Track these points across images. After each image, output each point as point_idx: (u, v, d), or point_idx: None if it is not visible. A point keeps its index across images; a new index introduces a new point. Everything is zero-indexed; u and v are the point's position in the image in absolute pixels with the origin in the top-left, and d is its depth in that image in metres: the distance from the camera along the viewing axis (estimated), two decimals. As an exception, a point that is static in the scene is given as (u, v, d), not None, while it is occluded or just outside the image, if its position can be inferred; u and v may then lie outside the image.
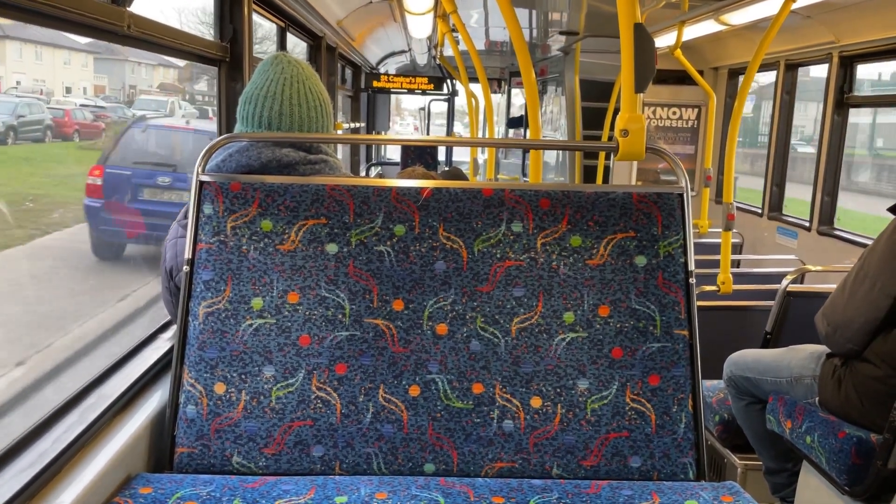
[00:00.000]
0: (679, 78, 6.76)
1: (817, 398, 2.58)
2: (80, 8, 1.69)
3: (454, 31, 4.90)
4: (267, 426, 1.70)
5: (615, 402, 1.72)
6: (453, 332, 1.74)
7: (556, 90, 8.72)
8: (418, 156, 9.09)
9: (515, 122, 11.40)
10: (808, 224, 5.50)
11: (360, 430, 1.70)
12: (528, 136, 3.14)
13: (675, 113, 7.56)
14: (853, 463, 2.31)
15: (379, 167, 10.96)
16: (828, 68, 5.28)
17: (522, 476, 1.70)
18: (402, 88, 10.12)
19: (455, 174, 3.97)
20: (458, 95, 10.65)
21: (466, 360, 1.73)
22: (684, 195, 1.80)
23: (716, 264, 4.10)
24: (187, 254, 1.76)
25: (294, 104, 1.96)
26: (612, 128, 5.88)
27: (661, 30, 5.36)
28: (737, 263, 5.22)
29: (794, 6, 3.76)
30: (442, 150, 10.65)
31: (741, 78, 6.72)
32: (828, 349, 2.57)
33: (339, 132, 6.54)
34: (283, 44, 4.62)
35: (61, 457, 1.49)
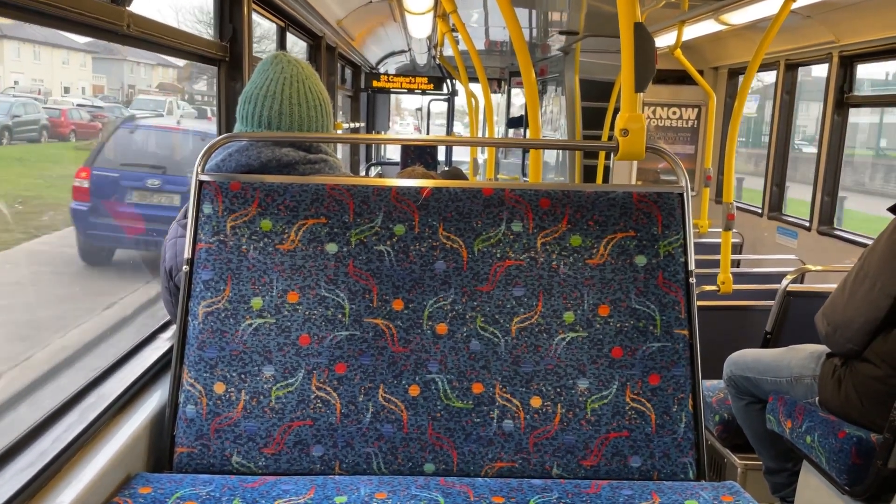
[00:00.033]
0: (679, 78, 6.76)
1: (817, 398, 2.58)
2: (80, 7, 1.69)
3: (454, 30, 4.90)
4: (267, 426, 1.69)
5: (615, 402, 1.72)
6: (453, 332, 1.73)
7: (555, 90, 8.71)
8: (418, 155, 9.10)
9: (515, 122, 11.40)
10: (808, 224, 5.50)
11: (360, 429, 1.70)
12: (528, 136, 3.13)
13: (675, 113, 7.56)
14: (853, 463, 2.31)
15: (379, 167, 10.97)
16: (828, 68, 5.28)
17: (522, 476, 1.69)
18: (402, 88, 10.13)
19: (455, 174, 3.96)
20: (457, 95, 10.65)
21: (466, 360, 1.73)
22: (684, 195, 1.80)
23: (716, 264, 4.10)
24: (187, 253, 1.76)
25: (294, 104, 1.96)
26: (612, 127, 5.87)
27: (661, 29, 5.36)
28: (737, 263, 5.22)
29: (794, 6, 3.76)
30: (442, 150, 10.65)
31: (741, 78, 6.72)
32: (828, 349, 2.57)
33: (338, 132, 6.54)
34: (282, 43, 4.62)
35: (61, 456, 1.49)
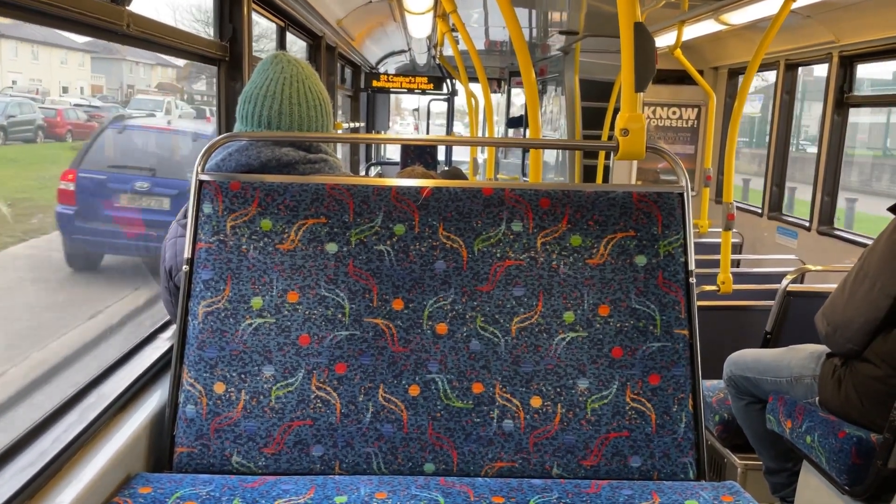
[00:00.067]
0: (679, 78, 6.76)
1: (817, 398, 2.58)
2: (80, 7, 1.69)
3: (454, 30, 4.90)
4: (266, 426, 1.69)
5: (615, 402, 1.72)
6: (453, 332, 1.73)
7: (555, 90, 8.71)
8: (418, 155, 9.10)
9: (515, 122, 11.40)
10: (807, 224, 5.50)
11: (360, 429, 1.70)
12: (528, 136, 3.13)
13: (675, 113, 7.56)
14: (853, 463, 2.31)
15: (378, 167, 10.97)
16: (828, 68, 5.28)
17: (522, 476, 1.69)
18: (402, 88, 10.14)
19: (455, 174, 3.95)
20: (457, 95, 10.65)
21: (466, 360, 1.73)
22: (684, 195, 1.80)
23: (716, 264, 4.10)
24: (187, 253, 1.76)
25: (294, 103, 1.96)
26: (612, 127, 5.87)
27: (661, 29, 5.36)
28: (737, 263, 5.22)
29: (794, 6, 3.76)
30: (442, 150, 10.65)
31: (741, 78, 6.71)
32: (828, 349, 2.57)
33: (338, 132, 6.54)
34: (282, 43, 4.62)
35: (61, 456, 1.49)
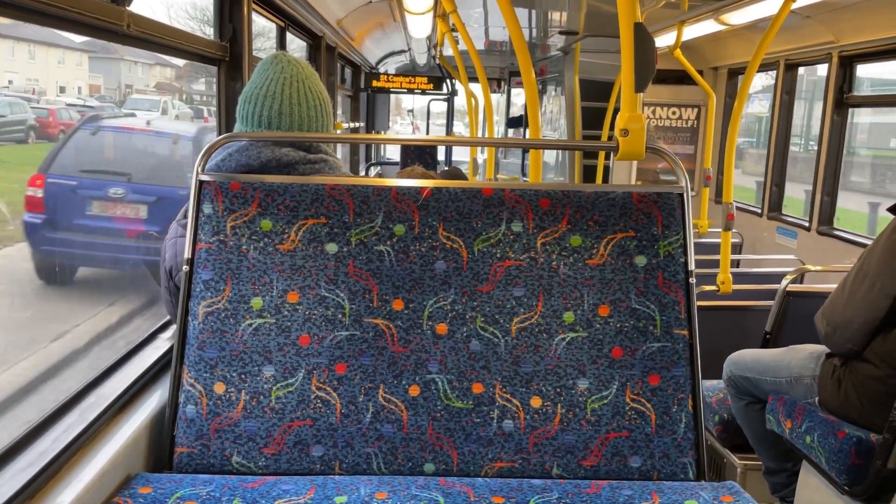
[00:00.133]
0: (679, 78, 6.76)
1: (817, 398, 2.58)
2: (80, 7, 1.69)
3: (454, 30, 4.90)
4: (267, 426, 1.69)
5: (615, 402, 1.72)
6: (453, 332, 1.73)
7: (555, 90, 8.71)
8: (418, 155, 9.10)
9: (515, 122, 11.40)
10: (807, 224, 5.51)
11: (360, 429, 1.70)
12: (528, 136, 3.13)
13: (674, 113, 7.56)
14: (853, 463, 2.31)
15: (378, 167, 10.97)
16: (827, 68, 5.28)
17: (522, 476, 1.69)
18: (402, 88, 10.13)
19: (454, 174, 3.95)
20: (457, 95, 10.65)
21: (466, 360, 1.73)
22: (684, 195, 1.80)
23: (715, 264, 4.10)
24: (187, 253, 1.76)
25: (294, 104, 1.96)
26: (611, 127, 5.87)
27: (661, 29, 5.36)
28: (736, 263, 5.22)
29: (794, 6, 3.76)
30: (441, 150, 10.65)
31: (741, 78, 6.72)
32: (827, 349, 2.57)
33: (338, 132, 6.54)
34: (282, 43, 4.62)
35: (61, 456, 1.49)
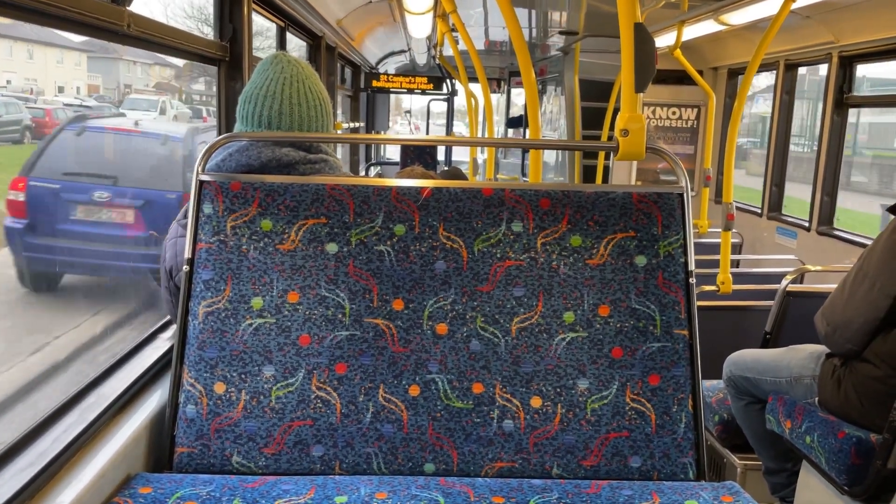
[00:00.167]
0: (679, 78, 6.76)
1: (817, 398, 2.58)
2: (80, 7, 1.69)
3: (454, 30, 4.90)
4: (267, 426, 1.69)
5: (615, 402, 1.72)
6: (453, 332, 1.74)
7: (555, 90, 8.71)
8: (417, 155, 9.10)
9: (515, 122, 11.40)
10: (807, 224, 5.51)
11: (360, 429, 1.70)
12: (528, 136, 3.14)
13: (674, 113, 7.56)
14: (853, 463, 2.31)
15: (378, 167, 10.97)
16: (827, 68, 5.28)
17: (522, 476, 1.69)
18: (402, 88, 10.13)
19: (454, 174, 3.96)
20: (457, 95, 10.65)
21: (466, 360, 1.73)
22: (684, 195, 1.80)
23: (715, 264, 4.10)
24: (187, 253, 1.76)
25: (294, 103, 1.96)
26: (611, 127, 5.87)
27: (661, 29, 5.36)
28: (736, 263, 5.22)
29: (794, 6, 3.77)
30: (441, 150, 10.65)
31: (741, 78, 6.72)
32: (827, 349, 2.58)
33: (338, 132, 6.54)
34: (282, 43, 4.62)
35: (61, 456, 1.49)
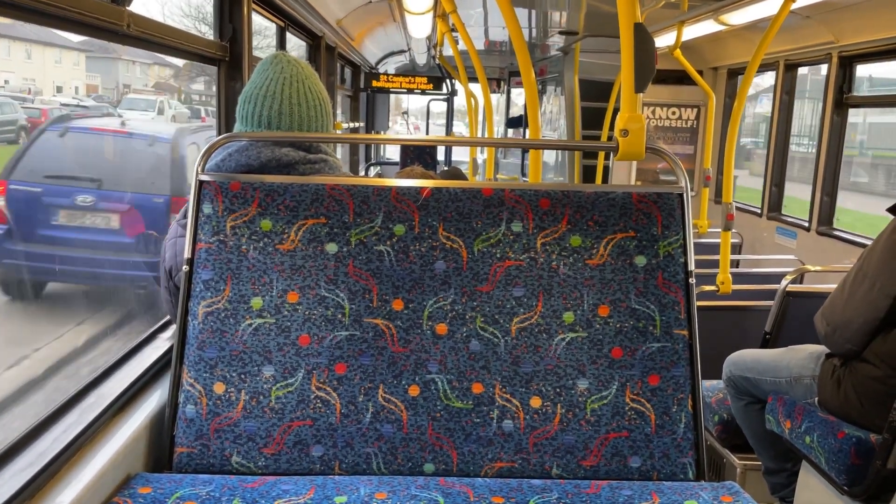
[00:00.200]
0: (678, 78, 6.77)
1: (816, 398, 2.58)
2: (80, 7, 1.69)
3: (454, 30, 4.90)
4: (266, 426, 1.69)
5: (615, 402, 1.72)
6: (453, 332, 1.73)
7: (555, 90, 8.71)
8: (417, 155, 9.10)
9: (515, 122, 11.41)
10: (807, 224, 5.51)
11: (360, 429, 1.70)
12: (528, 136, 3.14)
13: (674, 113, 7.56)
14: (852, 463, 2.31)
15: (378, 167, 10.97)
16: (827, 68, 5.28)
17: (522, 476, 1.69)
18: (402, 88, 10.14)
19: (454, 174, 3.96)
20: (457, 95, 10.66)
21: (466, 360, 1.73)
22: (684, 195, 1.80)
23: (715, 264, 4.10)
24: (187, 253, 1.76)
25: (294, 103, 1.96)
26: (611, 127, 5.87)
27: (661, 30, 5.36)
28: (736, 263, 5.22)
29: (794, 6, 3.77)
30: (441, 150, 10.66)
31: (741, 78, 6.71)
32: (827, 349, 2.58)
33: (338, 132, 6.54)
34: (282, 43, 4.62)
35: (60, 456, 1.49)
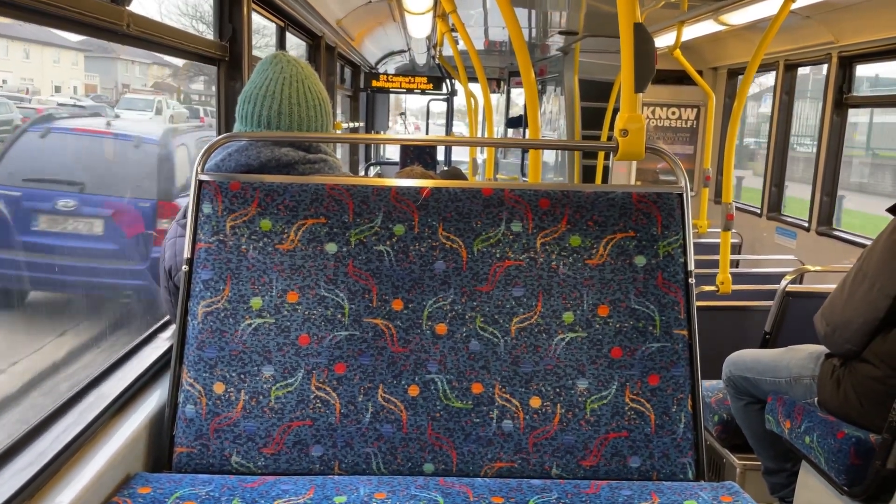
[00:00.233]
0: (678, 78, 6.76)
1: (816, 398, 2.58)
2: (80, 7, 1.69)
3: (453, 30, 4.90)
4: (266, 426, 1.69)
5: (614, 402, 1.72)
6: (453, 332, 1.73)
7: (555, 90, 8.71)
8: (417, 155, 9.10)
9: (514, 122, 11.41)
10: (806, 224, 5.51)
11: (360, 429, 1.70)
12: (528, 136, 3.14)
13: (674, 113, 7.56)
14: (852, 463, 2.31)
15: (378, 167, 10.97)
16: (827, 68, 5.28)
17: (522, 476, 1.69)
18: (402, 88, 10.14)
19: (454, 174, 3.95)
20: (457, 95, 10.66)
21: (466, 360, 1.73)
22: (684, 195, 1.80)
23: (715, 264, 4.10)
24: (186, 253, 1.76)
25: (293, 103, 1.96)
26: (611, 128, 5.87)
27: (661, 30, 5.36)
28: (736, 263, 5.22)
29: (794, 6, 3.77)
30: (441, 150, 10.66)
31: (741, 78, 6.72)
32: (827, 349, 2.58)
33: (338, 132, 6.54)
34: (281, 43, 4.62)
35: (60, 456, 1.49)
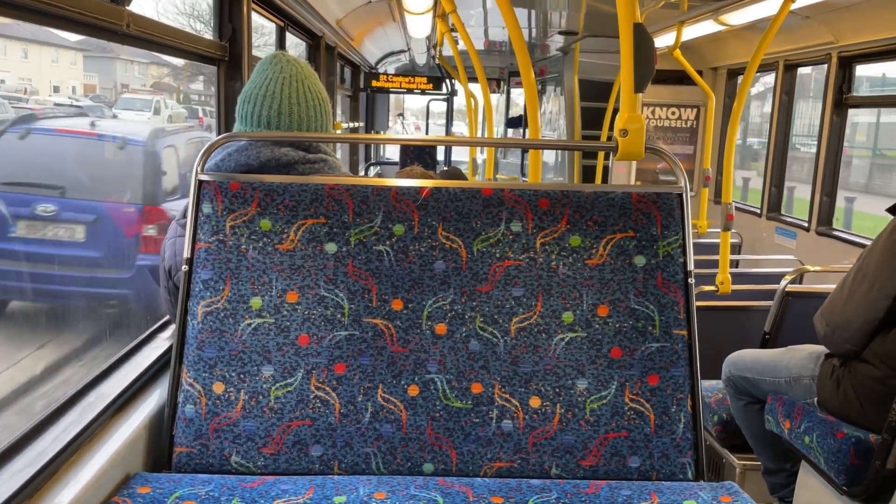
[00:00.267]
0: (678, 78, 6.76)
1: (816, 398, 2.58)
2: (80, 7, 1.69)
3: (453, 30, 4.90)
4: (266, 426, 1.69)
5: (614, 402, 1.72)
6: (452, 332, 1.74)
7: (555, 90, 8.72)
8: (417, 155, 9.10)
9: (514, 122, 11.41)
10: (806, 224, 5.51)
11: (359, 429, 1.70)
12: (528, 136, 3.14)
13: (674, 113, 7.56)
14: (852, 463, 2.31)
15: (378, 167, 10.97)
16: (826, 69, 5.28)
17: (521, 476, 1.69)
18: (402, 88, 10.14)
19: (454, 174, 3.95)
20: (457, 95, 10.66)
21: (465, 360, 1.73)
22: (683, 195, 1.80)
23: (715, 264, 4.10)
24: (186, 253, 1.76)
25: (293, 103, 1.96)
26: (611, 128, 5.87)
27: (661, 30, 5.36)
28: (735, 263, 5.22)
29: (794, 6, 3.77)
30: (441, 150, 10.66)
31: (740, 78, 6.72)
32: (826, 349, 2.58)
33: (338, 132, 6.54)
34: (281, 43, 4.62)
35: (60, 456, 1.49)
